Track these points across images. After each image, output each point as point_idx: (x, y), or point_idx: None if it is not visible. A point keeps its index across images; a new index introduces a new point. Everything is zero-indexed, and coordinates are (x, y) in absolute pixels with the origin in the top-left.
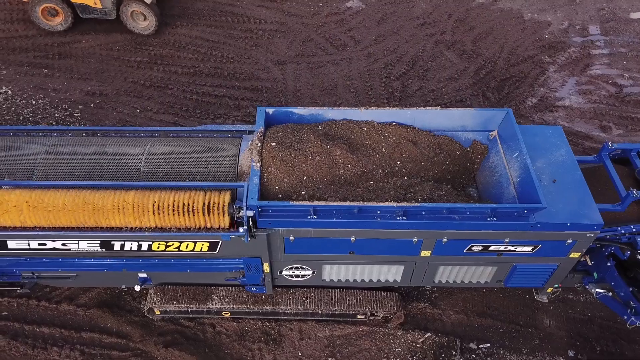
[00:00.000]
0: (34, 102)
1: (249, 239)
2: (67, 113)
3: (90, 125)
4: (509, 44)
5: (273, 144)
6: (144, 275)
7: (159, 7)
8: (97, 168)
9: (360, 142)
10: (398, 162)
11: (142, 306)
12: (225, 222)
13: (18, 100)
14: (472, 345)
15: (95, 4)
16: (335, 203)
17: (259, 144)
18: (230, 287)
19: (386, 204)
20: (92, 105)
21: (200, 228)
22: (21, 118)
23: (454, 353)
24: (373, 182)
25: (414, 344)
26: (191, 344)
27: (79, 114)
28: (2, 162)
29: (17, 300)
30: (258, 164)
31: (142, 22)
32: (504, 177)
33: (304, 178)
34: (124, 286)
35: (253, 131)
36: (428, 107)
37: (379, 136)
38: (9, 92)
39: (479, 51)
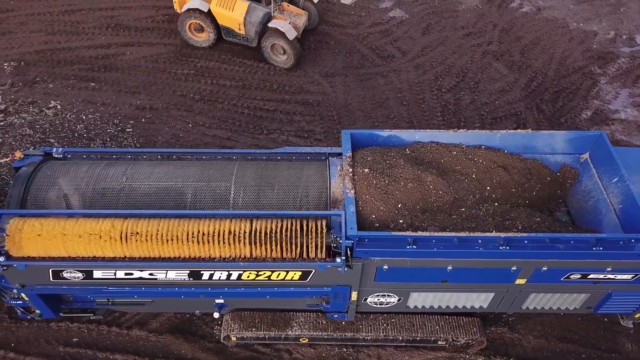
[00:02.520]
0: (84, 117)
1: (346, 269)
2: (119, 128)
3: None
4: (558, 55)
5: (366, 170)
6: (221, 301)
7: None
8: (184, 196)
9: (449, 166)
10: (488, 188)
11: (214, 332)
12: (323, 252)
13: (68, 115)
14: None
15: (240, 29)
16: (436, 234)
17: (350, 170)
18: (309, 313)
19: (489, 234)
20: (143, 120)
21: (295, 258)
22: (76, 135)
23: None
24: (464, 208)
25: None
26: None
27: (130, 130)
28: (84, 189)
29: (87, 325)
30: (352, 191)
31: (281, 55)
32: (601, 202)
33: (399, 205)
34: (198, 312)
35: (334, 154)
36: (518, 130)
37: (468, 161)
38: (58, 106)
39: (527, 62)
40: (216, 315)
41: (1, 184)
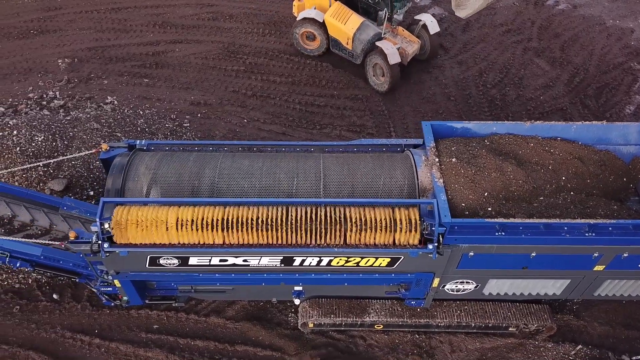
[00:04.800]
0: (141, 112)
1: (437, 255)
2: (177, 123)
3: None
4: (597, 51)
5: (454, 160)
6: (300, 288)
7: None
8: (277, 186)
9: (527, 157)
10: (563, 178)
11: (289, 319)
12: (416, 239)
13: (126, 111)
14: (625, 358)
15: (347, 44)
16: (525, 220)
17: (436, 159)
18: (384, 300)
19: (575, 221)
20: (199, 115)
21: (387, 244)
22: (138, 129)
23: None
24: (543, 197)
25: (566, 356)
26: (347, 357)
27: (188, 125)
28: (179, 178)
29: (165, 313)
30: (440, 180)
31: (381, 78)
32: None
33: (485, 194)
34: (274, 300)
35: (410, 145)
36: (593, 122)
37: (545, 152)
38: (115, 102)
39: (568, 58)
40: (297, 302)
41: (76, 175)
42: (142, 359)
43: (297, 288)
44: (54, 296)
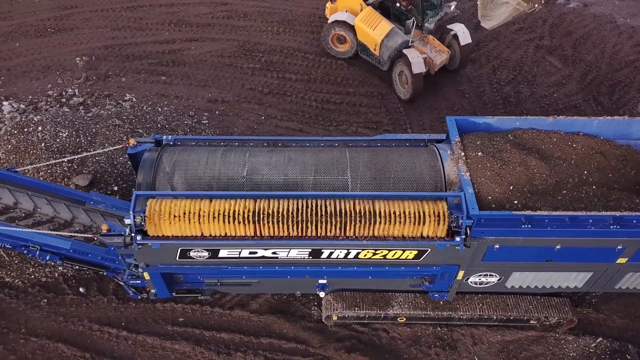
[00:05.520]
0: (159, 109)
1: (464, 248)
2: (196, 120)
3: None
4: (609, 49)
5: (479, 154)
6: (324, 281)
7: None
8: (306, 180)
9: (550, 152)
10: (585, 172)
11: (312, 312)
12: (444, 231)
13: (144, 108)
14: None
15: (375, 50)
16: (552, 213)
17: (462, 154)
18: (407, 293)
19: (600, 213)
20: (216, 112)
21: (415, 237)
22: (158, 125)
23: (629, 358)
24: (566, 191)
25: (586, 349)
26: (370, 349)
27: (206, 121)
28: (208, 173)
29: (190, 306)
30: (467, 173)
31: (405, 85)
32: None
33: (511, 188)
34: (298, 293)
35: (433, 140)
36: (615, 117)
37: (568, 147)
38: (134, 99)
39: (580, 56)
40: (322, 294)
41: (100, 171)
42: (169, 351)
43: (321, 281)
44: (81, 289)
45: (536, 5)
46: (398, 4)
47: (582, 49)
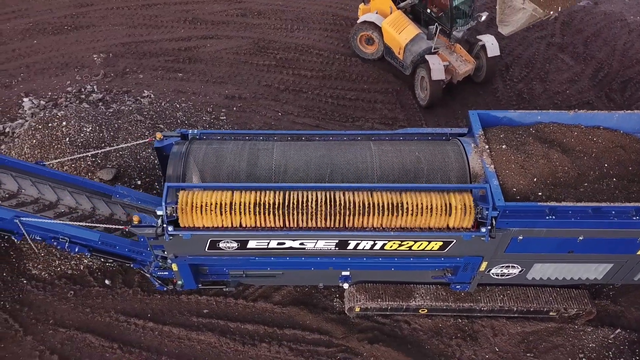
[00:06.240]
0: (178, 106)
1: (489, 239)
2: (214, 116)
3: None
4: (619, 47)
5: (504, 147)
6: (347, 273)
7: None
8: (333, 172)
9: (571, 145)
10: (606, 165)
11: (334, 304)
12: (470, 222)
13: (162, 104)
14: None
15: (399, 53)
16: (577, 204)
17: (486, 146)
18: (429, 285)
19: (622, 204)
20: (234, 108)
21: (441, 228)
22: (178, 121)
23: None
24: (587, 183)
25: (605, 340)
26: (392, 340)
27: (224, 118)
28: (236, 165)
29: (214, 298)
30: (491, 165)
31: (425, 91)
32: None
33: (534, 180)
34: (321, 285)
35: (455, 134)
36: (635, 111)
37: (589, 140)
38: (152, 95)
39: (591, 53)
40: (346, 286)
41: (124, 165)
42: (195, 342)
43: (344, 273)
44: (106, 282)
45: (551, 13)
46: (429, 10)
47: (593, 47)
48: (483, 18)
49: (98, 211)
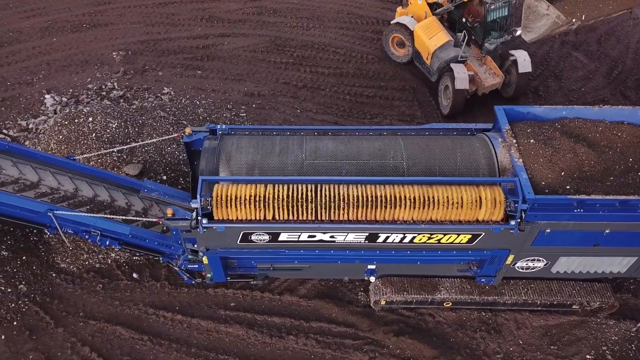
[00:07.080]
0: (197, 103)
1: (518, 231)
2: (234, 113)
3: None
4: (633, 45)
5: (532, 141)
6: (373, 267)
7: None
8: (363, 166)
9: (596, 140)
10: (631, 160)
11: (359, 297)
12: (500, 215)
13: (183, 101)
14: None
15: (427, 59)
16: (602, 197)
17: (514, 141)
18: (454, 278)
19: None
20: (253, 105)
21: (470, 221)
22: (200, 117)
23: None
24: (613, 177)
25: (627, 333)
26: (418, 333)
27: (244, 114)
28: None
29: (241, 292)
30: (520, 159)
31: (447, 100)
32: None
33: (562, 173)
34: (346, 278)
35: (479, 129)
36: None
37: (613, 135)
38: (172, 92)
39: (605, 51)
40: (372, 279)
41: (149, 161)
42: (223, 334)
43: (370, 266)
44: (134, 275)
45: (574, 21)
46: (464, 19)
47: (606, 45)
48: (518, 32)
49: (132, 207)
